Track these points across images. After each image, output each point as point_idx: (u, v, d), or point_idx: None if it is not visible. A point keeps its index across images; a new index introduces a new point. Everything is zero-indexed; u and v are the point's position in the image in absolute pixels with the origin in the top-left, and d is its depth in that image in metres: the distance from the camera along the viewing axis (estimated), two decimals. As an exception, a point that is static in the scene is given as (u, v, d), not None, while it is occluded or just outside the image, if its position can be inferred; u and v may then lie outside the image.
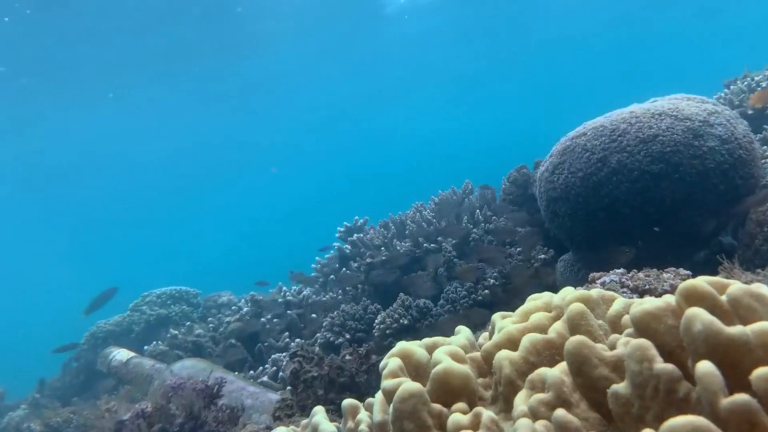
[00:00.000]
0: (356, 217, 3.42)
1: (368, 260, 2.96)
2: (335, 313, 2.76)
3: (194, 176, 18.61)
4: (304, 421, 0.85)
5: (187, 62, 9.32)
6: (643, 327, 0.49)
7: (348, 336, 2.63)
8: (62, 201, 15.50)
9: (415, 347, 0.71)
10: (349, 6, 9.33)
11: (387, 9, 9.91)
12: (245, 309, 3.31)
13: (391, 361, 0.67)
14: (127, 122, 11.42)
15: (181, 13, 7.89)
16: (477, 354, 0.71)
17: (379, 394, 0.66)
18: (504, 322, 0.70)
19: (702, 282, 0.49)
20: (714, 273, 1.46)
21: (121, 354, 3.30)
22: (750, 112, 2.87)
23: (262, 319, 3.11)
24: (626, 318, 0.59)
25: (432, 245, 2.86)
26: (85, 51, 8.10)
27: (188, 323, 3.74)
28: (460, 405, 0.61)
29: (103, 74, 8.97)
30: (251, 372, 2.71)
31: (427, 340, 0.74)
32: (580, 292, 0.64)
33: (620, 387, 0.47)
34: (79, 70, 8.61)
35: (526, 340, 0.61)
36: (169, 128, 12.56)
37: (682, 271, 1.42)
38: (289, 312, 3.11)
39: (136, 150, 13.53)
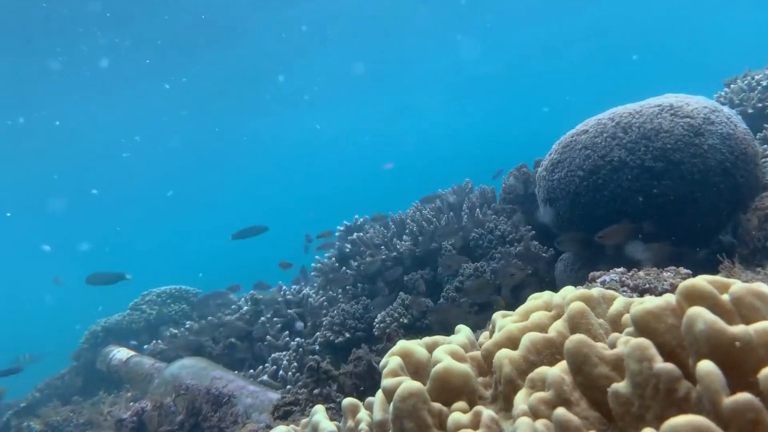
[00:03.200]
0: (356, 216, 3.42)
1: (368, 259, 2.96)
2: (335, 312, 2.75)
3: (193, 174, 18.58)
4: (304, 420, 0.85)
5: (184, 55, 9.28)
6: (644, 326, 0.49)
7: (348, 335, 2.63)
8: (60, 200, 15.49)
9: (416, 346, 0.71)
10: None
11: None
12: (245, 308, 3.31)
13: (391, 360, 0.67)
14: (126, 119, 11.41)
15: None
16: (477, 353, 0.71)
17: (380, 393, 0.66)
18: (504, 321, 0.70)
19: (702, 281, 0.48)
20: (714, 272, 1.46)
21: (121, 353, 3.30)
22: (750, 111, 2.87)
23: (262, 318, 3.11)
24: (626, 317, 0.59)
25: (433, 244, 2.86)
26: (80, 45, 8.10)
27: (188, 322, 3.74)
28: (460, 404, 0.61)
29: (98, 69, 8.96)
30: (251, 371, 2.71)
31: (427, 339, 0.74)
32: (581, 291, 0.64)
33: (620, 386, 0.47)
34: (76, 64, 8.60)
35: (527, 338, 0.61)
36: (170, 124, 12.55)
37: (682, 270, 1.42)
38: (289, 311, 3.11)
39: (135, 147, 13.52)
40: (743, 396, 0.38)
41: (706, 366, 0.40)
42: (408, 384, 0.60)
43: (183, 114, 11.89)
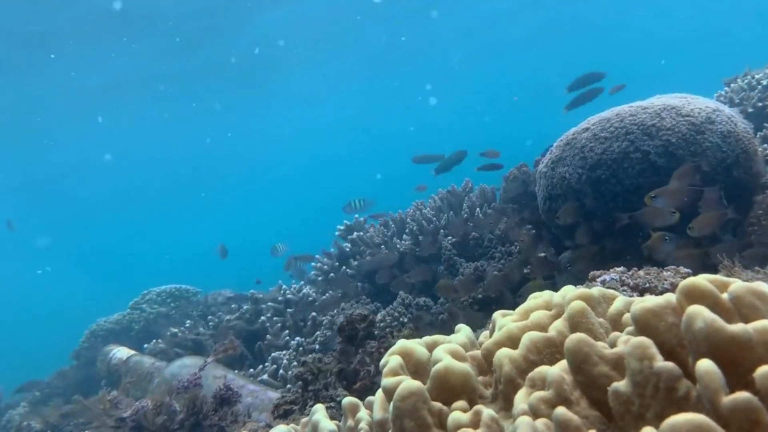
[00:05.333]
0: (356, 216, 3.42)
1: (368, 259, 2.96)
2: (335, 311, 2.76)
3: (193, 173, 18.60)
4: (304, 419, 0.85)
5: (184, 52, 9.27)
6: (644, 325, 0.49)
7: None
8: (60, 199, 15.50)
9: (416, 345, 0.71)
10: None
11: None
12: (245, 307, 3.31)
13: (391, 359, 0.67)
14: (125, 118, 11.41)
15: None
16: (477, 352, 0.71)
17: (380, 393, 0.66)
18: (504, 320, 0.70)
19: (702, 280, 0.48)
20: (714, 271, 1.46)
21: (121, 352, 3.30)
22: (750, 110, 2.87)
23: (262, 318, 3.11)
24: (627, 316, 0.59)
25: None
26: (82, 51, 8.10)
27: (188, 321, 3.74)
28: (460, 403, 0.61)
29: (99, 73, 8.97)
30: (251, 370, 2.71)
31: (427, 339, 0.74)
32: (581, 290, 0.64)
33: (621, 385, 0.47)
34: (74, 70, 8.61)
35: (527, 338, 0.61)
36: (168, 122, 12.54)
37: (682, 269, 1.42)
38: (288, 310, 3.11)
39: (133, 146, 13.51)
40: (742, 395, 0.38)
41: (705, 365, 0.40)
42: (408, 383, 0.60)
43: (186, 113, 11.91)
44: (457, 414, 0.57)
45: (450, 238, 2.84)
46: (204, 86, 10.85)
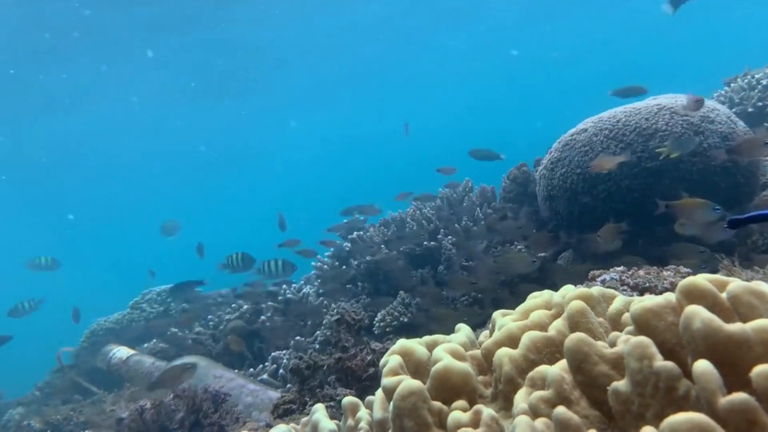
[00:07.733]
0: (356, 215, 3.42)
1: (368, 258, 2.96)
2: (335, 311, 2.75)
3: (192, 172, 18.58)
4: (304, 419, 0.86)
5: (185, 49, 9.25)
6: (643, 324, 0.49)
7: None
8: (60, 198, 15.49)
9: (416, 345, 0.71)
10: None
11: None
12: (245, 306, 3.31)
13: (391, 359, 0.67)
14: (126, 116, 11.40)
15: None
16: (477, 352, 0.71)
17: (380, 392, 0.66)
18: (504, 320, 0.70)
19: (702, 279, 0.49)
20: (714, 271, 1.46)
21: (121, 351, 3.30)
22: (750, 110, 2.87)
23: (262, 317, 3.11)
24: (626, 316, 0.59)
25: (432, 243, 2.86)
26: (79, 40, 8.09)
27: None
28: (460, 403, 0.61)
29: (97, 66, 8.96)
30: (251, 369, 2.71)
31: (427, 338, 0.74)
32: (581, 290, 0.64)
33: (620, 384, 0.47)
34: (73, 60, 8.60)
35: (526, 337, 0.61)
36: (168, 122, 12.53)
37: (682, 268, 1.42)
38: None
39: (134, 144, 13.50)
40: (738, 396, 0.38)
41: (702, 366, 0.40)
42: (408, 383, 0.60)
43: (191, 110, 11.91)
44: (457, 413, 0.57)
45: (450, 238, 2.84)
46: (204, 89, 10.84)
